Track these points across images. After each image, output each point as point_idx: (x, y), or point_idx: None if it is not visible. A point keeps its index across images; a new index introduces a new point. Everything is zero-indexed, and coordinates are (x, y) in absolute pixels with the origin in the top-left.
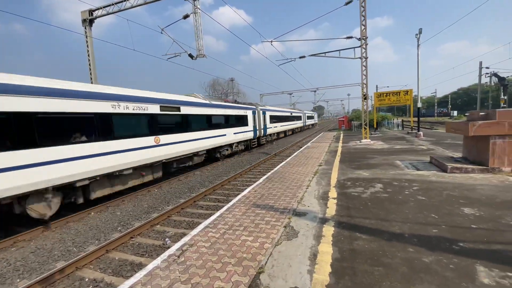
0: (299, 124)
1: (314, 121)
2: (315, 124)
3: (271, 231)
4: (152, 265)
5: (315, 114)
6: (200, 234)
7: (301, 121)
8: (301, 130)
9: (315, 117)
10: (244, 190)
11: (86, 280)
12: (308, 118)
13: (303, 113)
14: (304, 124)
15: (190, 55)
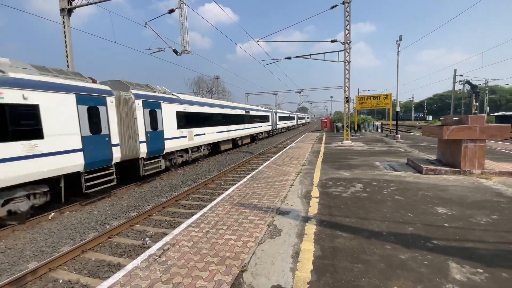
0: (294, 123)
1: (305, 121)
2: (306, 123)
3: (255, 230)
4: (132, 265)
5: (306, 116)
6: (182, 234)
7: (294, 121)
8: (295, 127)
9: (305, 118)
10: (228, 189)
11: (60, 282)
12: (300, 119)
13: (296, 115)
14: (297, 123)
15: (175, 51)
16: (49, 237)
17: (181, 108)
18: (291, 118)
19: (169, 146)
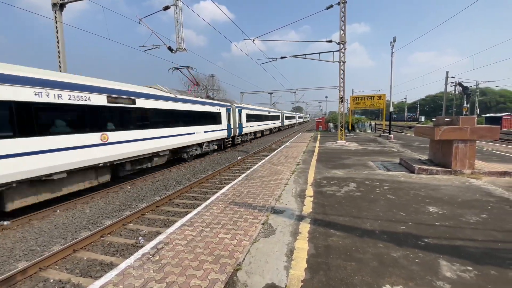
0: (295, 121)
1: (303, 120)
2: (305, 122)
3: (249, 229)
4: (125, 265)
5: (304, 116)
6: (176, 232)
7: (295, 119)
8: (296, 125)
9: (303, 117)
10: (223, 188)
11: (51, 281)
12: (299, 118)
13: (296, 114)
14: (296, 121)
15: (170, 48)
16: (40, 236)
17: (248, 112)
18: (293, 117)
19: (244, 131)
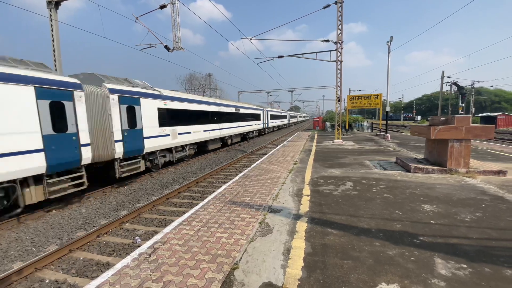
0: (296, 120)
1: (303, 119)
2: (305, 120)
3: (246, 228)
4: (121, 264)
5: (305, 115)
6: (173, 232)
7: (296, 118)
8: (298, 123)
9: (303, 117)
10: (220, 187)
11: (47, 282)
12: (300, 117)
13: (297, 114)
14: (298, 120)
15: (166, 47)
16: (35, 236)
17: (271, 113)
18: (295, 117)
19: (269, 125)
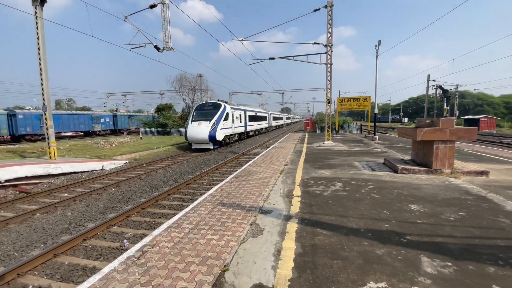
0: (289, 121)
1: (296, 120)
2: (297, 121)
3: (237, 229)
4: (108, 268)
5: (298, 116)
6: (163, 235)
7: (290, 120)
8: (282, 126)
9: (296, 118)
10: (211, 189)
11: (30, 287)
12: (293, 119)
13: (291, 116)
14: (291, 121)
15: (156, 47)
16: (18, 241)
17: (273, 115)
18: (289, 118)
19: (272, 125)
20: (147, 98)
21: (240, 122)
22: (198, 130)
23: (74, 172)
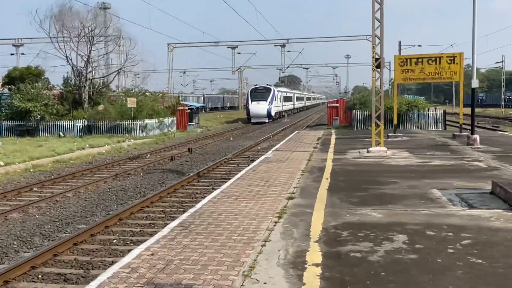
0: (310, 102)
1: (311, 102)
2: (320, 104)
3: None
4: None
5: (319, 96)
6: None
7: (310, 101)
8: (314, 106)
9: (316, 99)
10: (128, 254)
11: None
12: (314, 99)
13: (311, 95)
14: (312, 103)
15: None
16: None
17: (297, 95)
18: (316, 98)
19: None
20: None
21: (285, 102)
22: (258, 108)
23: None
